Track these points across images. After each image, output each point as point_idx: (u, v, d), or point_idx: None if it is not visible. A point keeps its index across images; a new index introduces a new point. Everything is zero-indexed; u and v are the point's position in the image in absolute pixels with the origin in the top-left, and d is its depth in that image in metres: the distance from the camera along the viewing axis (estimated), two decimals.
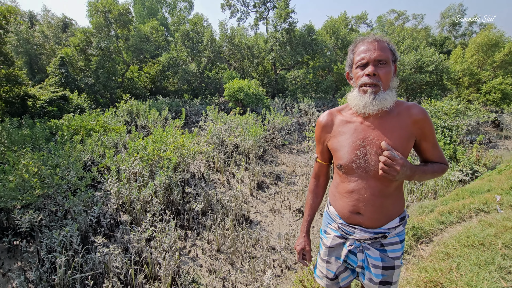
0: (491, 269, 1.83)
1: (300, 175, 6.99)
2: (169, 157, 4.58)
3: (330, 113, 1.35)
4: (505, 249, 2.08)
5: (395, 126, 1.20)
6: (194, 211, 4.56)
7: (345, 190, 1.28)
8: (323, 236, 1.44)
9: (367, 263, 1.28)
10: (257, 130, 7.55)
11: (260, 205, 5.38)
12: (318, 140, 1.40)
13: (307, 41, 17.07)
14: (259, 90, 11.71)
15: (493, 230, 2.34)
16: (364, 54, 1.18)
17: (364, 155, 1.20)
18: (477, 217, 2.91)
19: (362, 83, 1.18)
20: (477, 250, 2.12)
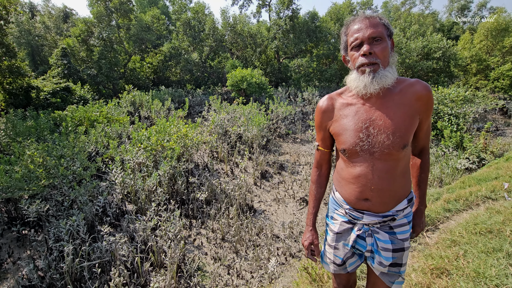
0: (499, 256, 1.81)
1: (303, 164, 6.97)
2: (172, 147, 4.58)
3: (330, 97, 1.30)
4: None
5: (398, 105, 1.16)
6: (198, 201, 4.59)
7: (351, 176, 1.24)
8: (330, 222, 1.41)
9: (377, 247, 1.26)
10: (261, 120, 7.50)
11: (264, 194, 5.39)
12: (319, 127, 1.35)
13: (310, 29, 16.72)
14: (262, 79, 11.57)
15: (501, 218, 2.32)
16: (357, 34, 1.14)
17: (367, 137, 1.17)
18: (484, 204, 2.88)
19: (360, 64, 1.14)
20: (485, 237, 2.10)
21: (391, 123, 1.14)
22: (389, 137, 1.14)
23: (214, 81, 16.13)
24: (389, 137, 1.14)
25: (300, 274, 2.30)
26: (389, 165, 1.18)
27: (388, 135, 1.14)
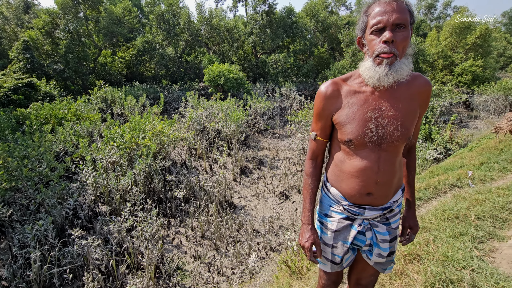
0: (465, 239, 1.94)
1: (283, 159, 7.03)
2: (148, 145, 4.42)
3: (335, 83, 1.19)
4: (478, 221, 2.20)
5: (405, 97, 1.13)
6: (176, 199, 4.48)
7: (355, 169, 1.18)
8: (325, 220, 1.33)
9: (376, 240, 1.25)
10: (239, 115, 7.44)
11: (243, 190, 5.38)
12: (320, 114, 1.23)
13: (287, 24, 16.79)
14: (239, 74, 11.48)
15: (466, 204, 2.47)
16: (380, 17, 1.02)
17: (376, 127, 1.11)
18: (451, 192, 3.06)
19: (379, 52, 1.04)
20: (452, 223, 2.23)
21: (400, 115, 1.11)
22: (398, 129, 1.11)
23: (190, 77, 15.77)
24: (398, 128, 1.11)
25: (280, 267, 2.32)
26: (393, 157, 1.16)
27: (397, 126, 1.11)
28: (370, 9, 1.08)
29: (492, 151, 3.99)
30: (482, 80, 14.04)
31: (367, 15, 1.08)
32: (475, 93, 13.07)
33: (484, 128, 9.08)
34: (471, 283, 1.55)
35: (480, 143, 4.76)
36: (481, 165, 3.65)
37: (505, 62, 26.65)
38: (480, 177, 3.28)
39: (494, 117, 10.56)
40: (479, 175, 3.30)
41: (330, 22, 18.70)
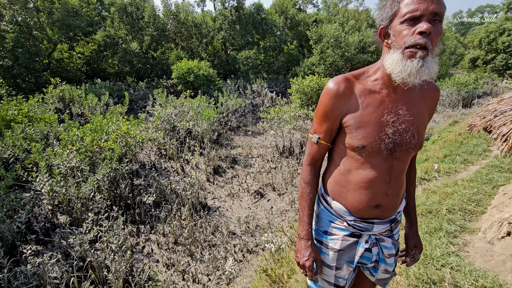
0: (440, 235, 2.01)
1: (256, 156, 6.97)
2: (111, 148, 4.09)
3: (348, 80, 1.03)
4: (449, 214, 2.31)
5: (419, 101, 1.05)
6: (146, 204, 4.22)
7: (364, 179, 1.04)
8: (325, 239, 1.16)
9: (382, 255, 1.13)
10: (210, 113, 7.24)
11: (217, 190, 5.23)
12: (328, 115, 1.05)
13: (256, 20, 16.71)
14: (210, 71, 11.19)
15: (437, 197, 2.59)
16: (418, 5, 0.87)
17: (393, 133, 1.00)
18: (421, 186, 3.21)
19: (412, 43, 0.89)
20: (426, 218, 2.31)
21: (416, 121, 1.02)
22: (414, 136, 1.01)
23: (158, 74, 15.08)
24: (414, 135, 1.01)
25: (259, 276, 2.24)
26: (404, 167, 1.07)
27: (413, 133, 1.01)
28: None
29: (453, 143, 4.28)
30: (438, 77, 15.10)
31: (398, 1, 0.92)
32: None
33: (442, 121, 9.77)
34: (452, 282, 1.60)
35: (442, 136, 5.09)
36: (445, 158, 3.89)
37: (456, 59, 29.01)
38: (445, 169, 3.48)
39: (449, 111, 11.41)
40: (444, 168, 3.51)
41: (299, 19, 18.95)
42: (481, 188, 2.78)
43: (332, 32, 14.50)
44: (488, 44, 23.77)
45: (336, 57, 14.52)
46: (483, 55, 24.46)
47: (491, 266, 1.74)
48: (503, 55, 22.79)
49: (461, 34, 36.30)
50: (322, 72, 14.59)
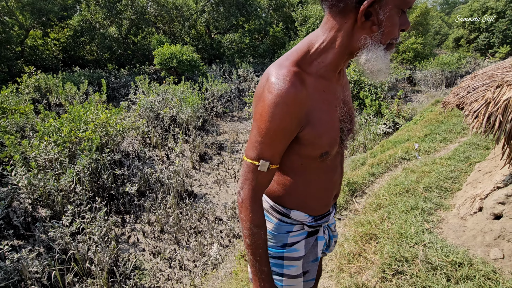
0: (416, 213, 2.07)
1: (243, 142, 6.94)
2: (90, 138, 3.96)
3: (298, 75, 0.75)
4: (426, 193, 2.38)
5: (347, 82, 0.95)
6: (130, 194, 4.16)
7: (326, 181, 0.94)
8: (288, 252, 0.99)
9: (332, 233, 1.13)
10: (195, 100, 7.08)
11: (204, 178, 5.21)
12: (285, 131, 0.76)
13: (240, 2, 16.17)
14: (193, 56, 10.87)
15: (415, 176, 2.65)
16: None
17: (347, 127, 0.89)
18: (401, 165, 3.28)
19: (395, 40, 0.76)
20: (403, 197, 2.37)
21: (351, 104, 0.93)
22: (354, 120, 0.93)
23: (140, 60, 14.54)
24: (354, 120, 0.93)
25: (238, 262, 2.26)
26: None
27: (354, 118, 0.93)
28: None
29: (433, 123, 4.38)
30: (422, 57, 15.21)
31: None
32: (417, 69, 14.15)
33: (425, 101, 9.93)
34: (424, 259, 1.66)
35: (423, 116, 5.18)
36: (425, 137, 3.97)
37: (441, 39, 29.22)
38: (425, 148, 3.56)
39: (433, 91, 11.59)
40: (424, 147, 3.58)
41: (284, 0, 18.47)
42: (458, 166, 2.87)
43: (318, 13, 14.24)
44: (471, 23, 23.95)
45: None
46: (467, 34, 24.69)
47: (462, 242, 1.82)
48: (485, 34, 23.08)
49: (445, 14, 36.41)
50: None
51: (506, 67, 1.49)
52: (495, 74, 1.45)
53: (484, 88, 1.37)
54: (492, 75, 1.46)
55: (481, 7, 23.07)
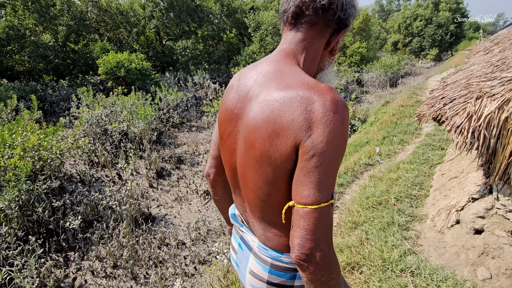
0: (394, 230, 2.03)
1: (203, 153, 6.61)
2: (17, 165, 3.32)
3: None
4: (398, 204, 2.38)
5: None
6: (73, 227, 3.59)
7: None
8: None
9: None
10: (148, 111, 6.56)
11: (163, 196, 4.78)
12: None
13: (191, 7, 15.77)
14: (143, 64, 10.20)
15: (384, 185, 2.65)
16: None
17: None
18: (367, 172, 3.30)
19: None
20: (377, 211, 2.34)
21: None
22: None
23: (82, 69, 13.21)
24: None
25: None
26: None
27: None
28: (356, 12, 0.76)
29: (389, 124, 4.59)
30: (367, 60, 16.36)
31: (354, 17, 0.76)
32: (364, 71, 15.15)
33: (374, 101, 10.61)
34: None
35: (378, 118, 5.43)
36: (384, 140, 4.12)
37: (381, 43, 31.98)
38: (385, 152, 3.67)
39: (379, 91, 12.46)
40: (385, 150, 3.69)
41: (236, 6, 18.51)
42: (420, 170, 2.98)
43: (270, 19, 14.48)
44: (405, 29, 26.64)
45: (276, 45, 14.61)
46: (402, 38, 27.38)
47: (446, 261, 1.81)
48: (417, 38, 25.83)
49: (383, 20, 40.04)
50: None
51: (479, 75, 1.50)
52: (470, 84, 1.45)
53: (463, 100, 1.35)
54: (467, 85, 1.45)
55: (412, 14, 25.78)
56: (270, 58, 0.75)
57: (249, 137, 0.69)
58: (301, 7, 0.70)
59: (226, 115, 0.78)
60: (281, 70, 0.69)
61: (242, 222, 0.91)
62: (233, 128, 0.77)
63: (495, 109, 1.17)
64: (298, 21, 0.72)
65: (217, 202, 1.05)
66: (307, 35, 0.73)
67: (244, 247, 0.88)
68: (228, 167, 0.84)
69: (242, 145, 0.73)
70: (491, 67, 1.60)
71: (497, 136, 1.19)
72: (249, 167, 0.72)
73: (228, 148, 0.80)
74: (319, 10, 0.69)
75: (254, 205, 0.77)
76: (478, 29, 44.82)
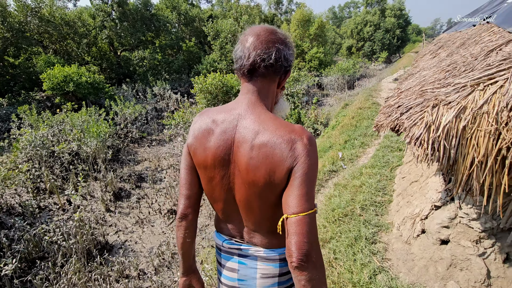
0: (361, 245, 1.96)
1: (166, 168, 6.25)
2: None
3: None
4: (363, 213, 2.34)
5: None
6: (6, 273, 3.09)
7: None
8: None
9: None
10: (101, 128, 6.06)
11: (122, 220, 4.38)
12: None
13: (146, 17, 15.21)
14: (95, 77, 9.52)
15: (348, 194, 2.62)
16: None
17: None
18: (331, 180, 3.28)
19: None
20: (344, 224, 2.28)
21: None
22: None
23: (25, 85, 11.98)
24: None
25: None
26: None
27: None
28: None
29: (349, 128, 4.71)
30: (325, 64, 17.06)
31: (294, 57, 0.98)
32: (323, 75, 15.73)
33: (335, 103, 11.00)
34: None
35: (338, 121, 5.56)
36: (346, 143, 4.19)
37: (336, 48, 33.72)
38: (348, 156, 3.71)
39: (339, 94, 12.98)
40: (347, 155, 3.74)
41: (193, 15, 18.27)
42: (382, 173, 3.03)
43: (229, 27, 14.48)
44: (357, 34, 28.41)
45: None
46: (355, 43, 29.13)
47: (415, 276, 1.77)
48: (369, 42, 27.65)
49: (337, 26, 42.37)
50: (225, 68, 14.48)
51: (432, 81, 1.50)
52: (425, 91, 1.44)
53: (420, 108, 1.33)
54: (421, 92, 1.44)
55: (362, 20, 27.57)
56: (241, 105, 0.90)
57: (250, 177, 0.84)
58: (254, 65, 0.86)
59: (215, 160, 0.89)
60: (259, 116, 0.86)
61: (239, 242, 1.02)
62: (226, 171, 0.90)
63: (452, 118, 1.16)
64: (253, 75, 0.89)
65: (187, 245, 1.05)
66: (263, 84, 0.91)
67: (247, 261, 1.01)
68: (220, 202, 0.97)
69: (243, 184, 0.87)
70: (443, 73, 1.62)
71: (457, 146, 1.18)
72: (254, 198, 0.88)
73: (222, 187, 0.93)
74: (268, 67, 0.87)
75: (260, 224, 0.94)
76: (420, 33, 49.47)
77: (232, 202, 0.94)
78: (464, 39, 2.30)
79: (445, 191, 1.90)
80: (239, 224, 0.99)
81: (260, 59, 0.85)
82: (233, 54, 0.92)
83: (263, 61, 0.85)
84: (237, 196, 0.91)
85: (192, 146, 0.94)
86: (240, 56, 0.88)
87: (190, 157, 0.97)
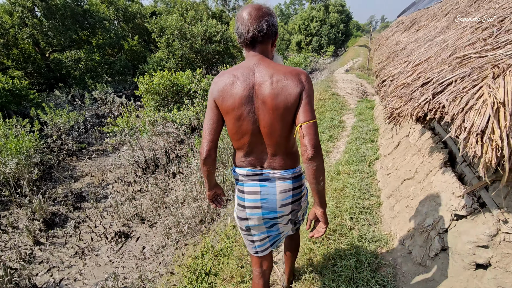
0: (367, 277, 1.45)
1: (112, 182, 5.43)
2: None
3: None
4: (354, 225, 1.75)
5: None
6: None
7: None
8: None
9: None
10: (23, 143, 5.00)
11: (56, 253, 3.57)
12: None
13: (77, 13, 13.47)
14: (15, 83, 8.03)
15: (332, 201, 2.16)
16: None
17: None
18: (305, 184, 2.92)
19: None
20: (334, 243, 1.80)
21: None
22: None
23: None
24: None
25: None
26: None
27: None
28: None
29: None
30: None
31: None
32: None
33: None
34: None
35: None
36: None
37: (286, 44, 34.37)
38: None
39: None
40: None
41: (133, 11, 16.83)
42: (361, 170, 2.77)
43: (175, 23, 13.55)
44: (305, 29, 29.22)
45: (185, 49, 13.76)
46: (304, 38, 29.95)
47: None
48: (316, 37, 28.64)
49: (284, 23, 43.27)
50: (173, 67, 13.55)
51: (468, 45, 1.10)
52: (467, 57, 1.02)
53: (469, 83, 0.94)
54: (461, 60, 1.00)
55: (308, 16, 28.43)
56: (253, 61, 1.20)
57: (273, 104, 1.14)
58: (253, 37, 1.18)
59: (242, 99, 1.17)
60: (269, 64, 1.19)
61: (260, 169, 1.31)
62: (252, 106, 1.17)
63: None
64: (254, 43, 1.21)
65: (211, 174, 1.37)
66: (262, 48, 1.24)
67: (268, 183, 1.30)
68: (247, 135, 1.23)
69: (267, 111, 1.16)
70: (476, 33, 1.18)
71: None
72: (276, 121, 1.17)
73: (249, 120, 1.19)
74: (264, 35, 1.20)
75: (279, 146, 1.24)
76: (359, 28, 53.09)
77: (257, 132, 1.20)
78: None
79: (468, 195, 1.44)
80: (261, 153, 1.26)
81: (257, 32, 1.16)
82: (234, 32, 1.22)
83: (259, 32, 1.16)
84: (261, 123, 1.17)
85: (219, 98, 1.18)
86: (242, 33, 1.18)
87: (216, 108, 1.22)
